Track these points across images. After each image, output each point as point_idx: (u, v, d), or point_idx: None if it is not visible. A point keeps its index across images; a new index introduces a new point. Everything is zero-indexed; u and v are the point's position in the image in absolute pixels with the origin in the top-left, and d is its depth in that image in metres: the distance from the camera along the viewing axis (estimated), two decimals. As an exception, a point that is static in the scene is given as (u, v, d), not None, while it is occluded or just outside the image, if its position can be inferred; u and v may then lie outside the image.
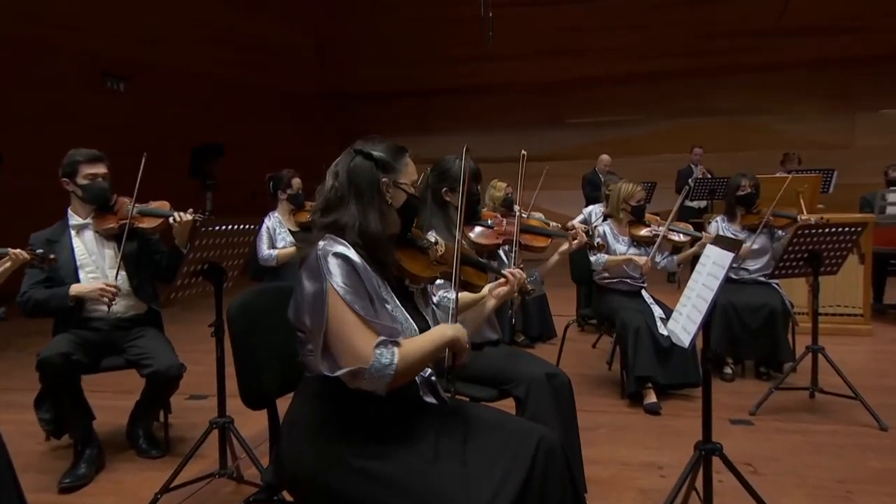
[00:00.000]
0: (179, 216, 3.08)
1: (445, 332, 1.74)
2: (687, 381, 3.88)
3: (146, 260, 3.25)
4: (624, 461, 3.14)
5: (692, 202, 8.24)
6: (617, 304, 4.14)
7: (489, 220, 3.04)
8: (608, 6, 11.62)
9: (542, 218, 4.72)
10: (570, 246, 3.08)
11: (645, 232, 4.21)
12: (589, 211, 6.65)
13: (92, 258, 3.16)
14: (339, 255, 1.66)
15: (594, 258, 4.18)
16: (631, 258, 4.13)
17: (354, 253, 1.69)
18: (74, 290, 2.99)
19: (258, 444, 2.99)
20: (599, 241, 3.92)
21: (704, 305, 2.15)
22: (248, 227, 2.87)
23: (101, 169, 3.16)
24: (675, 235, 4.22)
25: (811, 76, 11.17)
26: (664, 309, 4.04)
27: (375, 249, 1.73)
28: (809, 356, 3.80)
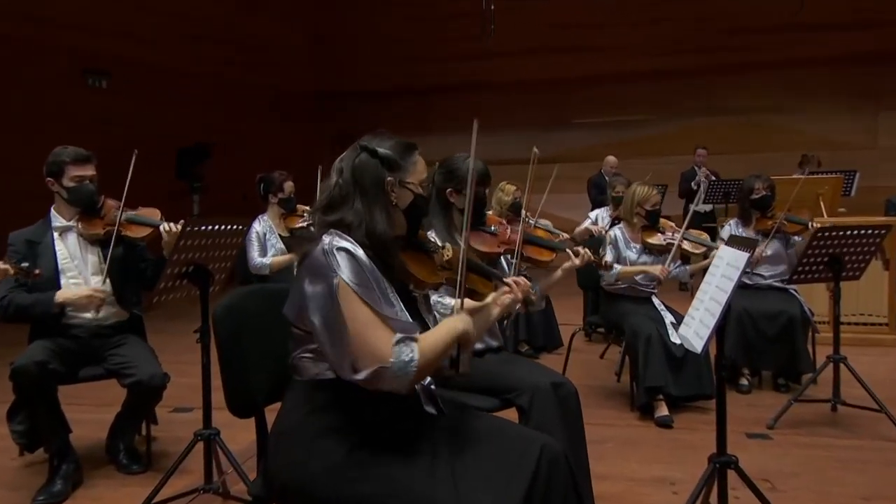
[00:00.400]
0: (170, 227, 2.96)
1: (457, 325, 1.70)
2: (701, 392, 3.76)
3: (132, 267, 3.13)
4: (634, 476, 3.06)
5: (704, 205, 8.03)
6: (626, 310, 4.00)
7: (493, 226, 2.92)
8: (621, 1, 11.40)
9: (549, 227, 4.59)
10: (573, 263, 2.93)
11: (658, 240, 4.06)
12: (595, 215, 6.49)
13: (74, 263, 3.04)
14: (346, 250, 1.62)
15: (604, 275, 3.99)
16: (646, 270, 3.99)
17: (362, 252, 1.65)
18: (61, 296, 2.88)
19: (245, 459, 2.88)
20: (608, 260, 3.68)
21: (718, 309, 2.08)
22: (236, 227, 2.79)
23: (89, 171, 3.04)
24: (689, 245, 4.07)
25: (831, 73, 10.77)
26: (676, 315, 3.90)
27: (383, 250, 1.69)
28: (831, 367, 3.68)
